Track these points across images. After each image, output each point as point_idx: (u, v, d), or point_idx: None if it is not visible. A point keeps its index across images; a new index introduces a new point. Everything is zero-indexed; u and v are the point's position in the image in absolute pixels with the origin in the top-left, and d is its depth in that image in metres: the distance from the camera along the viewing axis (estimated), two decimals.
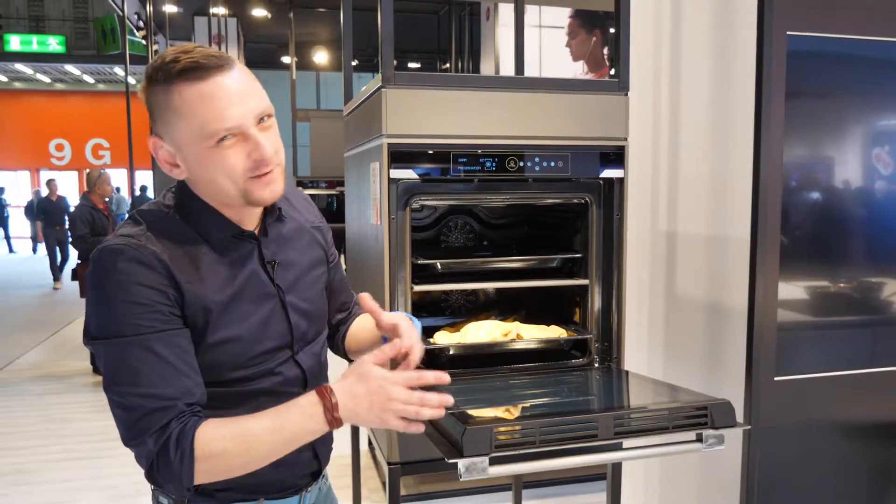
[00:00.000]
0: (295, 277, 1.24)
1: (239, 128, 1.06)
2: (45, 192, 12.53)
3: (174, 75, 1.04)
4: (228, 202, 1.12)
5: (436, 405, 1.07)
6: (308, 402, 1.05)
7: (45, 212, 11.41)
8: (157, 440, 1.02)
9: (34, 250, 16.48)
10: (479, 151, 1.79)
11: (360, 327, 1.43)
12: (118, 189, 16.02)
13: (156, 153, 1.12)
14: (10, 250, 17.08)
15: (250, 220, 1.19)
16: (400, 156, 1.73)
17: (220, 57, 1.07)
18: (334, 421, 1.05)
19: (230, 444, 1.03)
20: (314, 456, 1.28)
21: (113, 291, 1.04)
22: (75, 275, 5.98)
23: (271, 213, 1.21)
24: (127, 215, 1.20)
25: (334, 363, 1.35)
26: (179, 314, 1.08)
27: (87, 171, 6.29)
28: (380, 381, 1.05)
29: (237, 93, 1.06)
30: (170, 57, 1.05)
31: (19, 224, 19.35)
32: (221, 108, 1.04)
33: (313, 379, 1.25)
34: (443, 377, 1.10)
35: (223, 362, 1.13)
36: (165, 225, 1.12)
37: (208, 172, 1.09)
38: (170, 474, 1.02)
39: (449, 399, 1.09)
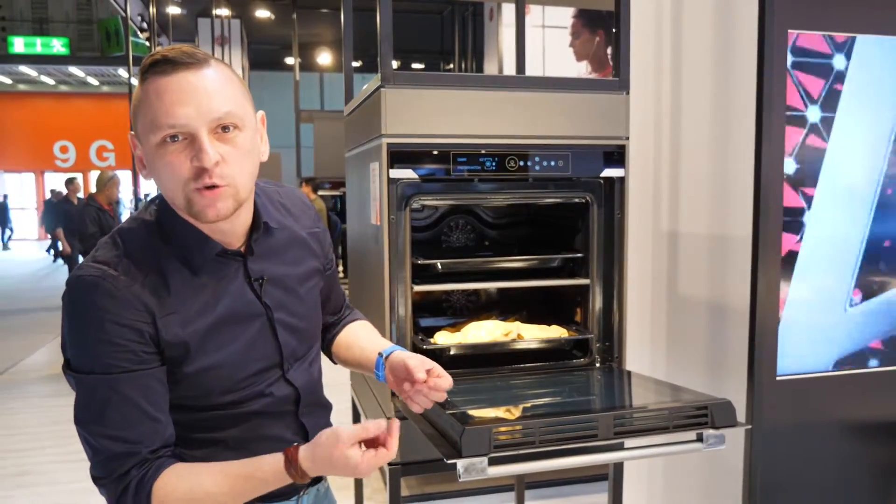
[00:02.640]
0: (284, 293, 1.17)
1: (185, 128, 0.99)
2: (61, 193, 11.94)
3: (146, 70, 1.00)
4: (181, 211, 1.05)
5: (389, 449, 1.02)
6: (273, 470, 1.03)
7: (67, 216, 9.54)
8: (117, 485, 1.01)
9: (60, 257, 15.52)
10: (480, 151, 1.78)
11: (354, 338, 1.38)
12: None
13: (133, 150, 1.07)
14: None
15: (234, 236, 1.11)
16: (399, 156, 1.73)
17: (196, 55, 1.01)
18: (299, 474, 1.03)
19: (191, 497, 1.02)
20: None
21: (86, 327, 1.01)
22: None
23: (257, 229, 1.13)
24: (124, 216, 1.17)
25: (329, 371, 1.32)
26: (154, 351, 1.04)
27: (99, 172, 6.29)
28: (340, 456, 0.99)
29: (196, 91, 0.99)
30: (153, 52, 1.02)
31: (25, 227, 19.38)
32: (171, 105, 0.98)
33: (307, 395, 1.20)
34: (392, 426, 1.02)
35: (210, 388, 1.09)
36: (144, 246, 1.06)
37: (158, 174, 1.03)
38: None
39: (394, 425, 1.03)
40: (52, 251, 15.38)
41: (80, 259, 10.17)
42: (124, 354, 1.01)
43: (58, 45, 16.30)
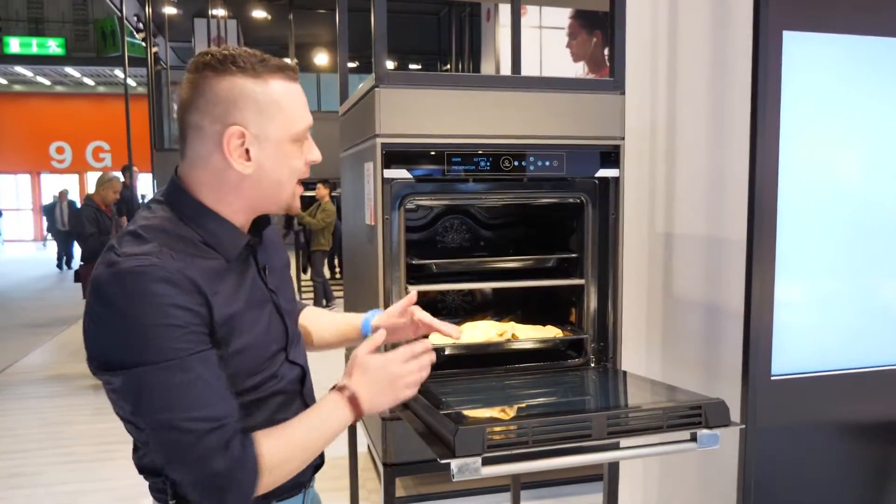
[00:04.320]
0: (279, 280, 1.26)
1: (308, 129, 1.15)
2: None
3: (273, 68, 1.09)
4: (275, 204, 1.16)
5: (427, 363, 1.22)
6: (333, 403, 1.15)
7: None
8: (221, 459, 1.01)
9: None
10: (475, 151, 1.78)
11: (319, 324, 1.49)
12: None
13: (229, 142, 1.07)
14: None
15: (246, 229, 1.19)
16: (394, 156, 1.72)
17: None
18: (360, 412, 1.16)
19: (288, 452, 1.10)
20: None
21: (148, 315, 0.99)
22: (78, 276, 6.00)
23: (265, 220, 1.21)
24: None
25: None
26: (208, 332, 1.05)
27: (101, 173, 6.27)
28: (381, 365, 1.18)
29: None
30: (255, 52, 1.09)
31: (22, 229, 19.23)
32: (304, 108, 1.14)
33: (309, 373, 1.28)
34: (428, 344, 1.24)
35: (240, 371, 1.11)
36: (175, 238, 1.07)
37: (278, 170, 1.12)
38: (238, 492, 1.03)
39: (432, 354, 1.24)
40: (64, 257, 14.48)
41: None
42: (190, 336, 1.01)
43: (54, 46, 16.25)
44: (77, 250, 14.14)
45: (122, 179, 6.30)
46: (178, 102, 1.12)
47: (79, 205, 11.59)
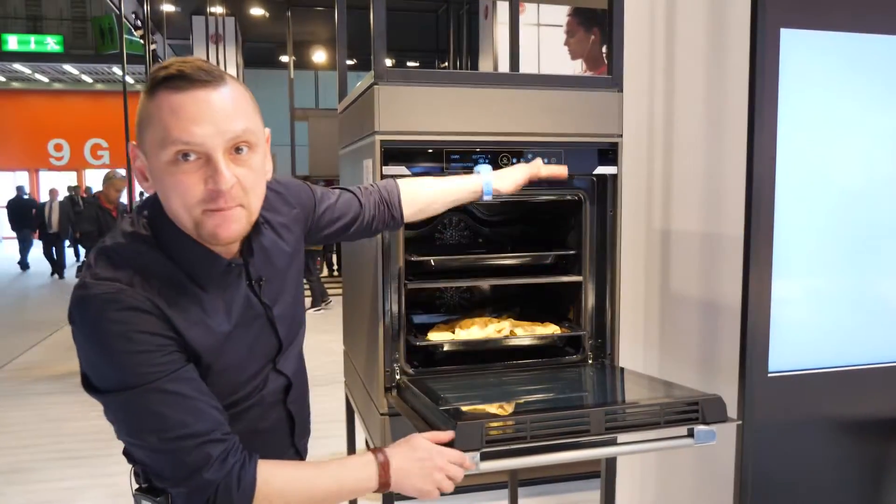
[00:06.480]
0: (280, 286, 1.19)
1: (201, 147, 0.96)
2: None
3: (158, 82, 0.97)
4: (186, 230, 1.03)
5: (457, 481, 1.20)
6: (362, 459, 1.13)
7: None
8: (211, 472, 0.99)
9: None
10: (473, 149, 1.79)
11: (426, 197, 1.59)
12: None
13: (133, 161, 1.04)
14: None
15: (234, 245, 1.11)
16: (393, 153, 1.73)
17: (213, 72, 0.98)
18: (387, 481, 1.12)
19: (292, 485, 1.05)
20: (296, 452, 1.29)
21: (114, 343, 0.97)
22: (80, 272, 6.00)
23: (255, 231, 1.12)
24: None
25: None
26: (183, 351, 1.02)
27: (107, 171, 6.25)
28: (429, 452, 1.17)
29: (213, 111, 0.97)
30: (164, 64, 0.99)
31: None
32: (187, 122, 0.95)
33: (298, 383, 1.24)
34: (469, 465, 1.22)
35: (219, 393, 1.08)
36: (149, 263, 1.02)
37: (165, 192, 1.00)
38: None
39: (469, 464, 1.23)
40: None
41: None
42: (163, 357, 0.99)
43: (52, 43, 16.23)
44: (71, 253, 13.71)
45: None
46: None
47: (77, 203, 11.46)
